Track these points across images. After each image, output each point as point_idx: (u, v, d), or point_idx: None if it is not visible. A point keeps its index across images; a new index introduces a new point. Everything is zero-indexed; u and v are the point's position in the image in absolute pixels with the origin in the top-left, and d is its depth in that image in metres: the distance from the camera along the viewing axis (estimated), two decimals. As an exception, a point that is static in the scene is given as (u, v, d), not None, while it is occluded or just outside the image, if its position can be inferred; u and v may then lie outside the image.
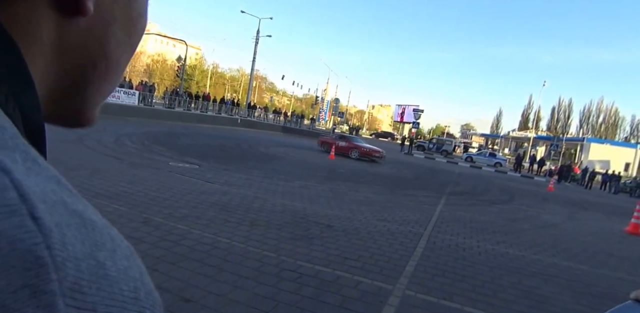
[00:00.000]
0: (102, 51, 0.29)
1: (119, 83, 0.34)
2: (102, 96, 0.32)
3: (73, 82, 0.28)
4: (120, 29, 0.29)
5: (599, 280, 4.81)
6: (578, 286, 4.42)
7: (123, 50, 0.31)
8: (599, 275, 5.06)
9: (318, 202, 6.91)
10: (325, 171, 11.64)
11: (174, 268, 3.18)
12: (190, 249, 3.66)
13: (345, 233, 5.09)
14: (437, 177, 15.78)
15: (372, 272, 3.83)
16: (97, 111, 0.33)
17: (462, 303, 3.41)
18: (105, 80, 0.31)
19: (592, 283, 4.62)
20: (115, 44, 0.30)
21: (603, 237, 7.87)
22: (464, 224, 6.90)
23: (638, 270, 5.67)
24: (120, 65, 0.32)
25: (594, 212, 12.34)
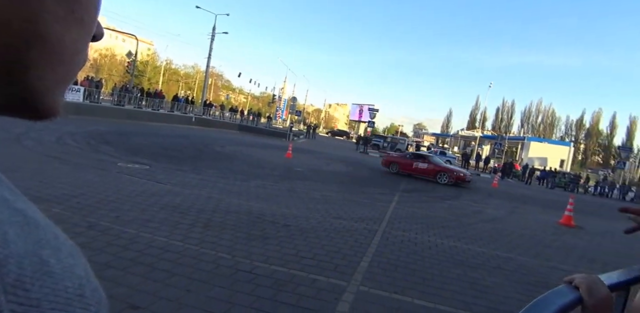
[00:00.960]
0: (32, 29, 0.25)
1: (80, 65, 0.31)
2: (57, 82, 0.28)
3: (7, 67, 0.25)
4: (54, 2, 0.26)
5: (536, 270, 5.19)
6: (518, 276, 4.75)
7: (65, 27, 0.27)
8: (535, 264, 5.45)
9: (275, 201, 6.90)
10: (282, 170, 11.62)
11: (122, 275, 3.06)
12: (139, 254, 3.54)
13: (301, 232, 5.12)
14: (391, 175, 16.23)
15: (327, 269, 3.89)
16: (60, 100, 0.30)
17: (413, 296, 3.56)
18: (53, 63, 0.27)
19: (530, 273, 4.98)
20: (50, 20, 0.26)
21: (540, 229, 8.48)
22: (416, 220, 7.18)
23: (569, 259, 6.18)
24: (67, 44, 0.27)
25: (532, 206, 13.26)
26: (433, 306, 3.43)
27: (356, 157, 23.31)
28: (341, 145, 35.40)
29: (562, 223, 9.66)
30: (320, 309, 3.01)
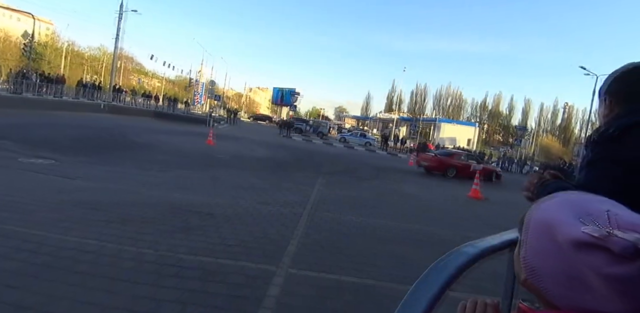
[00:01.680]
0: None
1: None
2: None
3: None
4: None
5: (451, 239, 5.72)
6: (435, 246, 5.20)
7: None
8: (450, 234, 6.01)
9: (197, 190, 6.66)
10: (204, 158, 11.22)
11: (35, 282, 2.76)
12: (52, 257, 3.21)
13: (227, 220, 5.04)
14: (315, 158, 16.56)
15: (256, 255, 3.90)
16: None
17: (340, 274, 3.73)
18: None
19: (445, 242, 5.48)
20: None
21: (452, 203, 9.35)
22: (340, 201, 7.45)
23: (479, 227, 6.91)
24: None
25: (445, 182, 14.49)
26: (360, 281, 3.63)
27: (279, 142, 23.31)
28: (264, 130, 35.06)
29: (471, 196, 10.74)
30: (251, 295, 3.02)
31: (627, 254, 0.44)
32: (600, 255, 0.46)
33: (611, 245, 0.45)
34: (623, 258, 0.45)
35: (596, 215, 0.50)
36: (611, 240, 0.45)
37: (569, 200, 0.56)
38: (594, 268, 0.46)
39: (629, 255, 0.44)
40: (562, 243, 0.49)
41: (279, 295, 3.10)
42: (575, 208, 0.53)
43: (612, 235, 0.46)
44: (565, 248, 0.49)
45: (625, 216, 0.49)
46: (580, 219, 0.50)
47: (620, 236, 0.45)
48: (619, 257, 0.45)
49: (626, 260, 0.45)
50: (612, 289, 0.46)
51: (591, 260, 0.47)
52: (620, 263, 0.45)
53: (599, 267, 0.46)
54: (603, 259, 0.46)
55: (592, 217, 0.50)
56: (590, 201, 0.55)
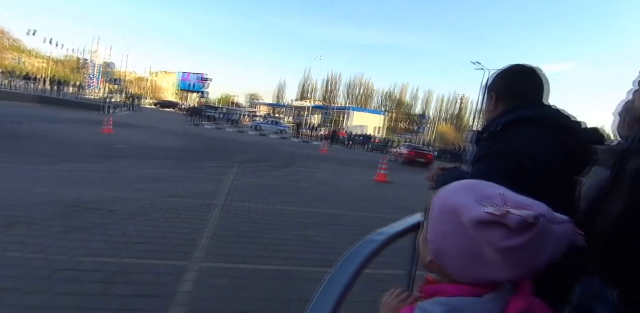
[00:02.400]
0: None
1: None
2: None
3: None
4: None
5: (361, 221, 6.06)
6: (347, 229, 5.47)
7: None
8: (360, 217, 6.35)
9: (95, 185, 6.07)
10: (102, 148, 10.20)
11: None
12: None
13: (131, 216, 4.69)
14: (227, 147, 16.11)
15: (165, 252, 3.71)
16: None
17: (256, 263, 3.73)
18: None
19: (357, 225, 5.78)
20: None
21: (362, 187, 9.85)
22: (255, 190, 7.39)
23: (387, 209, 7.40)
24: None
25: (355, 168, 15.19)
26: (276, 268, 3.67)
27: (189, 130, 22.18)
28: (171, 118, 32.99)
29: (378, 180, 11.43)
30: (161, 294, 2.88)
31: (520, 228, 0.52)
32: (498, 231, 0.53)
33: (508, 222, 0.52)
34: (516, 232, 0.53)
35: (492, 198, 0.58)
36: (508, 217, 0.52)
37: (469, 187, 0.63)
38: (492, 243, 0.54)
39: (522, 228, 0.52)
40: (465, 224, 0.56)
41: (193, 290, 3.00)
42: (475, 193, 0.60)
43: (509, 213, 0.53)
44: (468, 228, 0.56)
45: (514, 197, 0.58)
46: (479, 202, 0.58)
47: (515, 213, 0.53)
48: (514, 231, 0.52)
49: (519, 233, 0.53)
50: (505, 260, 0.54)
51: (490, 236, 0.54)
52: (514, 237, 0.53)
53: (497, 241, 0.54)
54: (501, 234, 0.53)
55: (489, 199, 0.58)
56: (486, 186, 0.63)
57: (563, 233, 0.56)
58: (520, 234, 0.53)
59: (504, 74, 1.40)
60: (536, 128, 1.21)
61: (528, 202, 0.57)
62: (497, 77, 1.41)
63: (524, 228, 0.52)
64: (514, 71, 1.38)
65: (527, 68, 1.36)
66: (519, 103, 1.30)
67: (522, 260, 0.55)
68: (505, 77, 1.39)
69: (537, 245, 0.54)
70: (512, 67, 1.39)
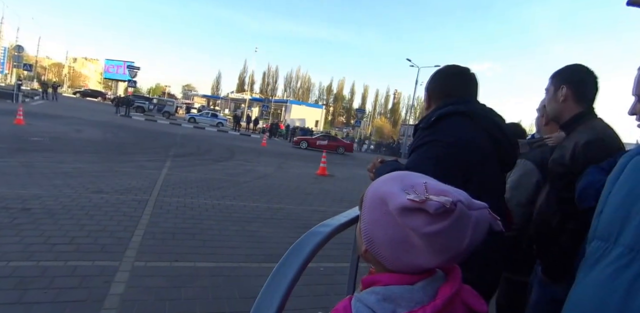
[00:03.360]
0: None
1: None
2: None
3: None
4: None
5: (301, 215, 6.03)
6: (288, 223, 5.40)
7: None
8: (301, 210, 6.32)
9: (3, 181, 5.38)
10: (11, 140, 9.09)
11: None
12: None
13: (49, 214, 4.22)
14: (160, 139, 15.21)
15: (91, 252, 3.38)
16: None
17: (194, 260, 3.54)
18: None
19: (297, 218, 5.74)
20: None
21: (302, 180, 9.82)
22: (191, 184, 7.05)
23: (326, 202, 7.44)
24: None
25: (295, 161, 15.14)
26: (215, 265, 3.51)
27: (117, 122, 20.62)
28: (96, 108, 30.44)
29: (319, 173, 11.48)
30: (89, 297, 2.61)
31: (438, 213, 0.54)
32: (420, 217, 0.56)
33: (428, 207, 0.54)
34: (436, 218, 0.55)
35: (416, 186, 0.60)
36: (427, 203, 0.54)
37: (396, 177, 0.66)
38: (415, 228, 0.56)
39: (440, 213, 0.54)
40: (392, 212, 0.58)
41: (125, 292, 2.77)
42: (401, 182, 0.63)
43: (428, 199, 0.55)
44: (394, 216, 0.58)
45: (437, 185, 0.61)
46: (404, 190, 0.60)
47: (434, 199, 0.55)
48: (434, 216, 0.55)
49: (438, 218, 0.55)
50: (428, 245, 0.57)
51: (413, 222, 0.56)
52: (434, 222, 0.55)
53: (419, 227, 0.56)
54: (422, 220, 0.55)
55: (413, 188, 0.60)
56: (411, 176, 0.65)
57: (481, 218, 0.58)
58: (440, 220, 0.55)
59: (436, 74, 1.51)
60: (466, 121, 1.31)
61: (448, 189, 0.59)
62: (430, 78, 1.52)
63: (443, 214, 0.54)
64: (444, 71, 1.48)
65: (457, 68, 1.46)
66: (448, 100, 1.40)
67: (444, 245, 0.57)
68: (437, 77, 1.50)
69: (457, 230, 0.56)
70: (443, 68, 1.51)
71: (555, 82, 1.56)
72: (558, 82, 1.55)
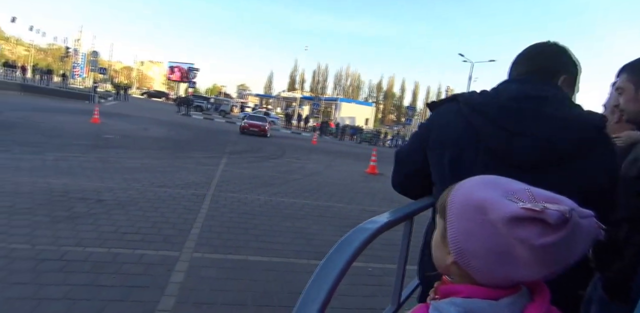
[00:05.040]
0: None
1: None
2: None
3: None
4: None
5: (350, 213, 6.07)
6: (337, 221, 5.47)
7: None
8: (350, 209, 6.36)
9: (82, 174, 5.95)
10: (89, 138, 10.01)
11: None
12: None
13: (120, 206, 4.62)
14: (217, 137, 15.94)
15: (155, 242, 3.67)
16: None
17: (247, 254, 3.71)
18: None
19: (346, 217, 5.79)
20: None
21: (352, 179, 9.85)
22: (245, 181, 7.34)
23: (375, 201, 7.42)
24: None
25: (345, 159, 15.19)
26: (267, 260, 3.66)
27: (178, 120, 21.88)
28: (160, 108, 32.48)
29: (368, 172, 11.44)
30: (152, 284, 2.85)
31: (559, 223, 0.49)
32: (534, 228, 0.50)
33: (547, 217, 0.49)
34: (552, 228, 0.50)
35: (518, 192, 0.55)
36: (546, 212, 0.49)
37: (491, 182, 0.59)
38: (526, 240, 0.50)
39: (560, 223, 0.49)
40: (494, 222, 0.53)
41: (184, 280, 2.98)
42: (500, 188, 0.57)
43: (546, 208, 0.50)
44: (497, 226, 0.52)
45: (541, 191, 0.55)
46: (507, 197, 0.54)
47: (552, 208, 0.49)
48: (550, 227, 0.50)
49: (554, 229, 0.50)
50: (538, 258, 0.51)
51: (525, 233, 0.50)
52: (550, 233, 0.50)
53: (531, 238, 0.50)
54: (536, 231, 0.50)
55: (515, 194, 0.54)
56: (509, 181, 0.59)
57: (590, 228, 0.53)
58: (556, 230, 0.50)
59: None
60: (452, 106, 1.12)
61: (557, 196, 0.54)
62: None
63: (560, 224, 0.50)
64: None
65: (523, 50, 1.19)
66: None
67: (556, 257, 0.52)
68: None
69: (570, 241, 0.51)
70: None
71: (633, 78, 1.32)
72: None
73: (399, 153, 1.31)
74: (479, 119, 1.02)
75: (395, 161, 1.31)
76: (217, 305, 2.69)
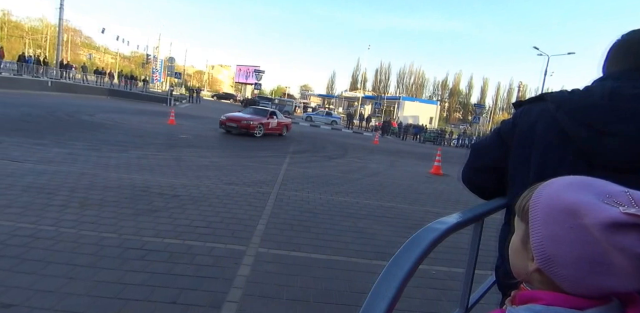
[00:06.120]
0: None
1: None
2: None
3: None
4: None
5: (413, 214, 5.93)
6: (398, 221, 5.37)
7: None
8: (412, 210, 6.22)
9: (160, 171, 6.46)
10: (165, 138, 10.84)
11: (-21, 270, 2.61)
12: (2, 245, 3.04)
13: (193, 201, 4.95)
14: (281, 137, 16.40)
15: (224, 236, 3.87)
16: None
17: (309, 251, 3.79)
18: None
19: (408, 218, 5.67)
20: None
21: (415, 179, 9.61)
22: (307, 180, 7.48)
23: (439, 203, 7.18)
24: None
25: (408, 159, 14.86)
26: (328, 258, 3.70)
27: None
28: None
29: (432, 172, 11.09)
30: (221, 276, 3.02)
31: None
32: (637, 235, 0.46)
33: None
34: None
35: (616, 195, 0.50)
36: None
37: (583, 183, 0.54)
38: (627, 248, 0.46)
39: None
40: (589, 227, 0.48)
41: (249, 274, 3.11)
42: (593, 190, 0.52)
43: None
44: (592, 231, 0.48)
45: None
46: (603, 201, 0.49)
47: None
48: None
49: None
50: (637, 267, 0.47)
51: (626, 241, 0.46)
52: None
53: (635, 246, 0.46)
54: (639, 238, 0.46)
55: (614, 198, 0.50)
56: (604, 183, 0.54)
57: None
58: None
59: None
60: (537, 106, 1.07)
61: None
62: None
63: None
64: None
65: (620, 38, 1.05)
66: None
67: None
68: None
69: None
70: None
71: None
72: None
73: (476, 146, 1.29)
74: (567, 117, 0.96)
75: (469, 153, 1.29)
76: (281, 300, 2.78)
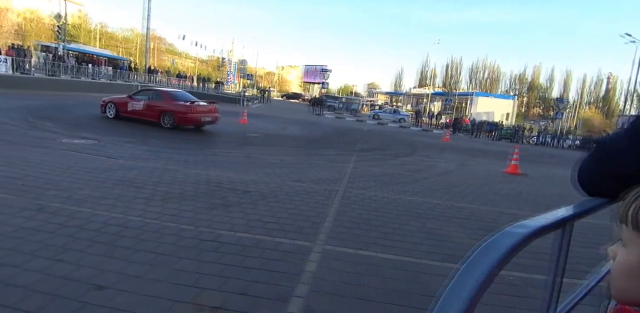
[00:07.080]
0: None
1: None
2: None
3: None
4: None
5: (486, 216, 5.59)
6: (470, 223, 5.09)
7: None
8: (486, 211, 5.86)
9: (232, 168, 6.80)
10: (238, 136, 11.40)
11: (82, 256, 2.93)
12: (97, 233, 3.39)
13: (262, 197, 5.13)
14: (347, 135, 16.43)
15: (291, 232, 3.96)
16: None
17: (377, 251, 3.73)
18: None
19: (481, 219, 5.35)
20: None
21: (488, 179, 9.06)
22: (374, 178, 7.39)
23: (515, 204, 6.68)
24: None
25: (481, 158, 14.05)
26: (396, 258, 3.61)
27: (311, 120, 23.27)
28: (296, 108, 35.04)
29: (508, 171, 10.35)
30: (289, 270, 3.08)
31: None
32: None
33: None
34: None
35: None
36: None
37: None
38: None
39: None
40: None
41: (316, 270, 3.14)
42: None
43: None
44: None
45: None
46: None
47: None
48: None
49: None
50: None
51: None
52: None
53: None
54: None
55: None
56: None
57: None
58: None
59: None
60: None
61: None
62: None
63: None
64: None
65: None
66: None
67: None
68: None
69: None
70: None
71: None
72: None
73: (607, 148, 1.00)
74: None
75: (594, 155, 1.03)
76: (347, 298, 2.77)
